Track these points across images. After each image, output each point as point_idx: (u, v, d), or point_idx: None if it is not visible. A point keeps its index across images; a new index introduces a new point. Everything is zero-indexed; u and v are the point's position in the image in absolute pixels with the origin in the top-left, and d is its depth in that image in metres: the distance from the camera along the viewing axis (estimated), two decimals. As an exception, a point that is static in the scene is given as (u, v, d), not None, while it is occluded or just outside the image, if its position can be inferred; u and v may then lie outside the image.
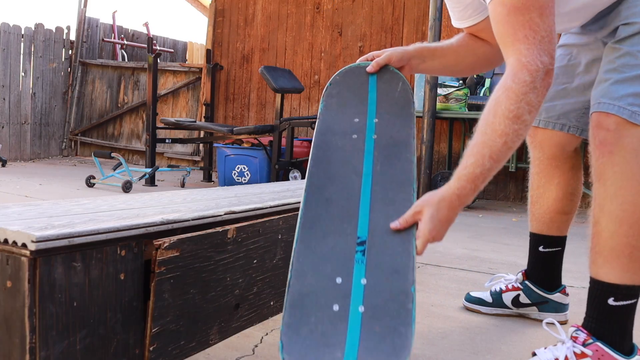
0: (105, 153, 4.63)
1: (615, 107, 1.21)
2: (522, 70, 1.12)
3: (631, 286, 1.24)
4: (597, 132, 1.24)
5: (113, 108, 7.49)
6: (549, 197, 1.63)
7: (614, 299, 1.24)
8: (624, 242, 1.22)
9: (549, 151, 1.60)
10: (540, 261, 1.70)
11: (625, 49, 1.24)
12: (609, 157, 1.22)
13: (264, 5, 6.34)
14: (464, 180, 1.13)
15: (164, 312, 1.22)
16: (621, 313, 1.25)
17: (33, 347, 1.00)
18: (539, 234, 1.68)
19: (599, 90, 1.26)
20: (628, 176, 1.21)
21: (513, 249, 2.89)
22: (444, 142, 5.27)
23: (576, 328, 1.30)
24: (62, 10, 16.65)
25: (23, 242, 1.00)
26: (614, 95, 1.22)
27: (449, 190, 1.14)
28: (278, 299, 1.64)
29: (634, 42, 1.23)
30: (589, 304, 1.30)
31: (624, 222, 1.22)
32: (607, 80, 1.25)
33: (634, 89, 1.21)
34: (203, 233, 1.32)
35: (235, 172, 4.79)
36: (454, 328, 1.65)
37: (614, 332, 1.25)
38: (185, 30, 19.14)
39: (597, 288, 1.27)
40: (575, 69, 1.52)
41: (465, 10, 1.45)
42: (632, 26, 1.24)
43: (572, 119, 1.54)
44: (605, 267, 1.25)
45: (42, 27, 7.16)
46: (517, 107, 1.11)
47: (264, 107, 6.36)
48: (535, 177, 1.66)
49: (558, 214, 1.63)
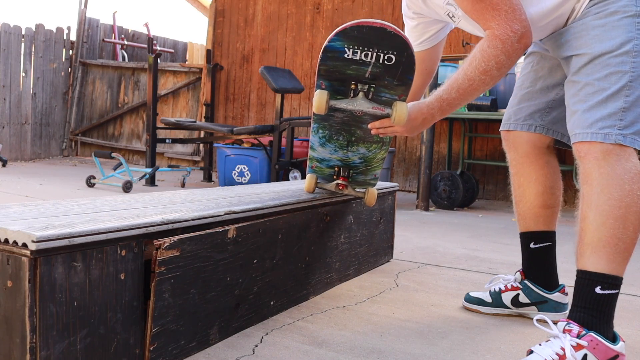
0: (106, 153, 4.63)
1: (589, 135, 1.34)
2: (495, 39, 1.38)
3: (615, 276, 1.32)
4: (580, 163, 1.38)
5: (113, 108, 7.49)
6: (530, 193, 1.69)
7: (601, 287, 1.32)
8: (610, 234, 1.31)
9: (522, 150, 1.69)
10: (534, 258, 1.73)
11: (583, 80, 1.38)
12: (595, 162, 1.33)
13: (264, 6, 6.35)
14: (433, 98, 1.49)
15: (164, 312, 1.22)
16: (607, 301, 1.32)
17: (33, 347, 1.00)
18: (527, 231, 1.73)
19: (572, 122, 1.39)
20: (613, 176, 1.31)
21: (513, 249, 2.89)
22: (443, 142, 5.27)
23: (567, 322, 1.33)
24: (63, 10, 16.66)
25: (23, 242, 1.00)
26: (585, 124, 1.35)
27: (420, 102, 1.52)
28: (278, 299, 1.64)
29: (587, 72, 1.37)
30: (577, 294, 1.36)
31: (610, 215, 1.31)
32: (576, 112, 1.38)
33: (600, 113, 1.34)
34: (203, 233, 1.32)
35: (236, 172, 4.79)
36: (454, 328, 1.65)
37: (602, 320, 1.32)
38: (186, 31, 19.14)
39: (585, 278, 1.34)
40: (538, 73, 1.67)
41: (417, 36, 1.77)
42: (582, 57, 1.39)
43: (537, 119, 1.66)
44: (592, 257, 1.33)
45: (43, 28, 7.16)
46: (486, 64, 1.39)
47: (264, 107, 6.36)
48: (514, 177, 1.73)
49: (541, 209, 1.69)
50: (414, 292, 1.98)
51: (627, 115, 1.32)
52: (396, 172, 5.58)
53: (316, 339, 1.50)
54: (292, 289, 1.71)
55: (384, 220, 2.34)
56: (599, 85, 1.35)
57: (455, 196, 4.32)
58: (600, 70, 1.35)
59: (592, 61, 1.37)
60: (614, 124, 1.32)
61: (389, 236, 2.42)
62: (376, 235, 2.28)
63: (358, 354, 1.42)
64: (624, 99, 1.33)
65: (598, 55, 1.36)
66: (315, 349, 1.43)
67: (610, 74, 1.34)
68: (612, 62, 1.34)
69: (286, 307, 1.69)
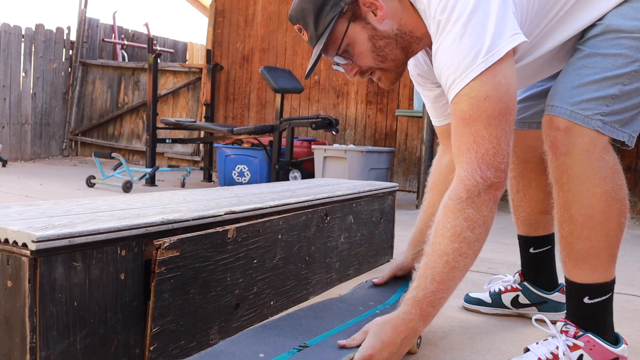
0: (106, 153, 4.63)
1: (568, 112, 1.20)
2: (459, 185, 1.12)
3: (603, 284, 1.26)
4: (549, 132, 1.23)
5: (113, 108, 7.49)
6: (531, 199, 1.64)
7: (589, 297, 1.27)
8: (588, 245, 1.23)
9: (522, 155, 1.61)
10: (534, 262, 1.71)
11: (587, 50, 1.23)
12: (563, 159, 1.21)
13: (264, 6, 6.35)
14: (408, 305, 1.15)
15: (164, 312, 1.22)
16: (598, 309, 1.28)
17: (33, 347, 1.00)
18: (527, 236, 1.70)
19: (556, 91, 1.25)
20: (582, 180, 1.20)
21: (513, 249, 2.89)
22: (444, 142, 5.27)
23: (565, 322, 1.32)
24: (63, 10, 16.66)
25: (23, 242, 1.00)
26: (569, 100, 1.21)
27: (395, 313, 1.16)
28: (278, 299, 1.64)
29: (596, 43, 1.22)
30: (568, 302, 1.33)
31: (585, 226, 1.22)
32: (564, 82, 1.24)
33: (589, 94, 1.20)
34: (203, 233, 1.32)
35: (236, 172, 4.79)
36: (454, 328, 1.65)
37: (597, 325, 1.29)
38: (186, 31, 19.15)
39: (572, 289, 1.30)
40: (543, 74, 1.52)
41: (441, 108, 1.52)
42: (596, 27, 1.23)
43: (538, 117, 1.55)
44: (575, 269, 1.27)
45: (43, 28, 7.16)
46: (453, 224, 1.10)
47: (264, 107, 6.36)
48: (513, 181, 1.66)
49: (542, 215, 1.65)
50: (414, 292, 1.98)
51: (615, 103, 1.19)
52: (396, 172, 5.58)
53: (316, 339, 1.50)
54: (292, 289, 1.71)
55: (384, 220, 2.34)
56: (601, 63, 1.20)
57: (455, 196, 4.31)
58: (610, 47, 1.20)
59: (604, 33, 1.21)
60: (598, 108, 1.18)
61: (389, 236, 2.42)
62: (376, 235, 2.28)
63: (358, 354, 1.41)
64: (620, 87, 1.19)
65: (614, 29, 1.20)
66: (315, 349, 1.43)
67: (618, 55, 1.19)
68: (625, 44, 1.19)
69: (286, 307, 1.69)
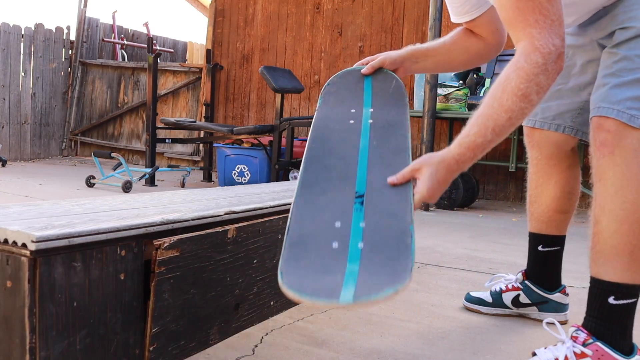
0: (105, 153, 4.62)
1: (615, 111, 1.23)
2: (535, 52, 1.13)
3: (632, 285, 1.25)
4: (598, 134, 1.26)
5: (113, 108, 7.49)
6: (548, 196, 1.64)
7: (615, 297, 1.25)
8: (625, 241, 1.23)
9: (546, 151, 1.61)
10: (540, 260, 1.70)
11: (623, 53, 1.25)
12: (610, 158, 1.24)
13: (264, 5, 6.34)
14: (464, 147, 1.16)
15: (164, 312, 1.22)
16: (621, 312, 1.26)
17: (33, 347, 1.00)
18: (538, 233, 1.68)
19: (598, 94, 1.28)
20: (628, 176, 1.22)
21: (513, 249, 2.89)
22: (444, 142, 5.27)
23: (576, 328, 1.30)
24: (62, 10, 16.64)
25: (23, 242, 1.00)
26: (613, 100, 1.24)
27: (449, 154, 1.17)
28: (278, 299, 1.64)
29: (630, 46, 1.25)
30: (590, 303, 1.30)
31: (625, 221, 1.23)
32: (606, 85, 1.26)
33: (632, 92, 1.23)
34: (203, 233, 1.32)
35: (235, 172, 4.79)
36: (454, 328, 1.65)
37: (615, 332, 1.26)
38: (185, 30, 19.14)
39: (598, 287, 1.28)
40: (571, 70, 1.53)
41: (463, 5, 1.47)
42: (628, 30, 1.25)
43: (568, 120, 1.56)
44: (606, 265, 1.26)
45: (42, 27, 7.15)
46: (526, 86, 1.12)
47: (264, 107, 6.35)
48: (533, 176, 1.67)
49: (557, 213, 1.64)
50: (414, 292, 1.98)
51: None
52: (396, 172, 5.57)
53: (316, 339, 1.50)
54: (292, 289, 1.71)
55: (384, 220, 2.34)
56: (638, 63, 1.23)
57: (456, 196, 4.32)
58: None
59: (638, 36, 1.24)
60: None
61: (389, 236, 2.41)
62: (376, 235, 2.27)
63: (358, 354, 1.41)
64: None
65: None
66: (315, 349, 1.43)
67: None
68: None
69: (286, 307, 1.69)
